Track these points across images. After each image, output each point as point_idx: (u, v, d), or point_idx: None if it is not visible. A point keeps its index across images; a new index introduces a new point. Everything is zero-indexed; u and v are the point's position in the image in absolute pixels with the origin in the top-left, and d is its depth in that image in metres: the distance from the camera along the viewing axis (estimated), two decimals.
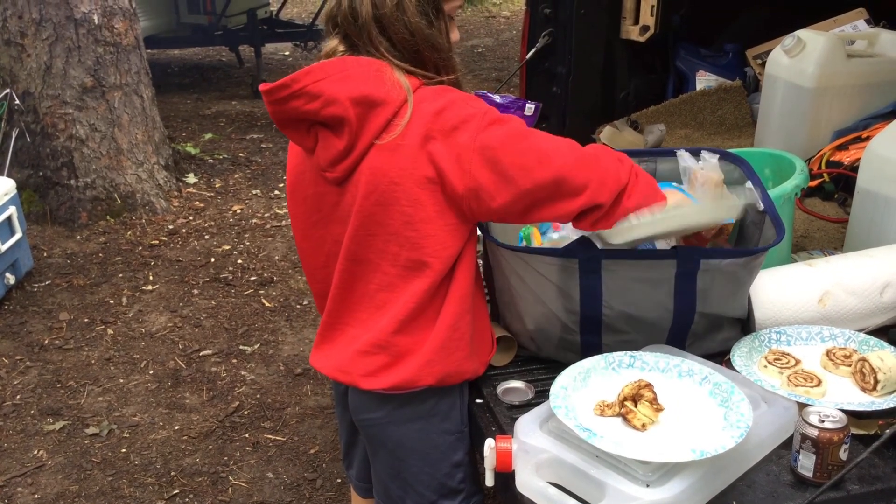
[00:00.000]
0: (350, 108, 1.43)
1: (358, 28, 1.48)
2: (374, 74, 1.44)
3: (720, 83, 3.38)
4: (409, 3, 1.46)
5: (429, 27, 1.48)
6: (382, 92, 1.43)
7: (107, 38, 4.64)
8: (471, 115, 1.43)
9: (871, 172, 2.05)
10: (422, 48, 1.48)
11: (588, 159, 1.51)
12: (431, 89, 1.47)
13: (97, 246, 4.47)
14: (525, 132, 1.47)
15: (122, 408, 3.18)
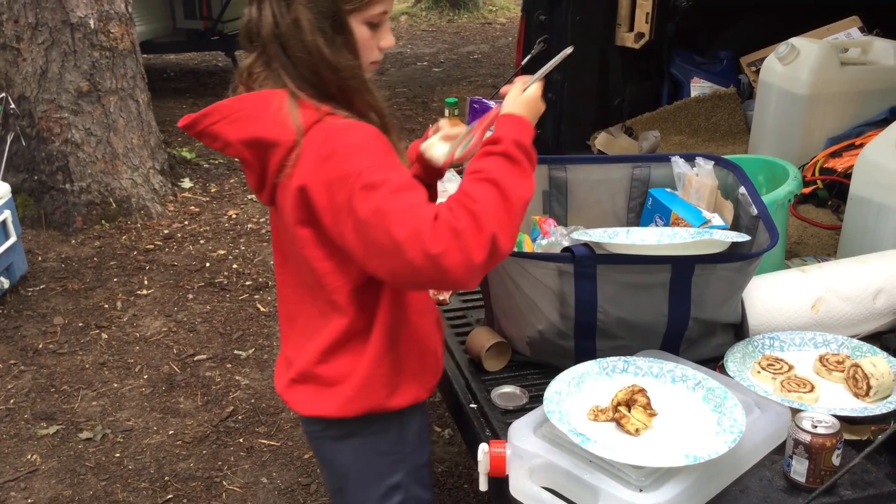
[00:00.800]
0: (244, 150, 1.37)
1: (262, 45, 1.39)
2: (266, 112, 1.35)
3: (714, 90, 3.39)
4: (304, 19, 1.34)
5: (327, 45, 1.35)
6: (274, 133, 1.34)
7: (103, 43, 4.64)
8: (348, 173, 1.27)
9: (864, 179, 2.06)
10: (321, 69, 1.35)
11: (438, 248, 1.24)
12: (323, 130, 1.32)
13: (92, 250, 4.46)
14: (389, 209, 1.24)
15: (116, 412, 3.17)
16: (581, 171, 2.01)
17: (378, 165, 1.28)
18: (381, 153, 1.31)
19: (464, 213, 1.24)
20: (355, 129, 1.33)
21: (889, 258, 1.87)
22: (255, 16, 1.38)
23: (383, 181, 1.26)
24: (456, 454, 2.93)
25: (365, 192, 1.26)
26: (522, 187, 1.33)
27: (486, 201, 1.26)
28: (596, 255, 1.61)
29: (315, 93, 1.36)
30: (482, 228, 1.24)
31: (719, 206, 1.90)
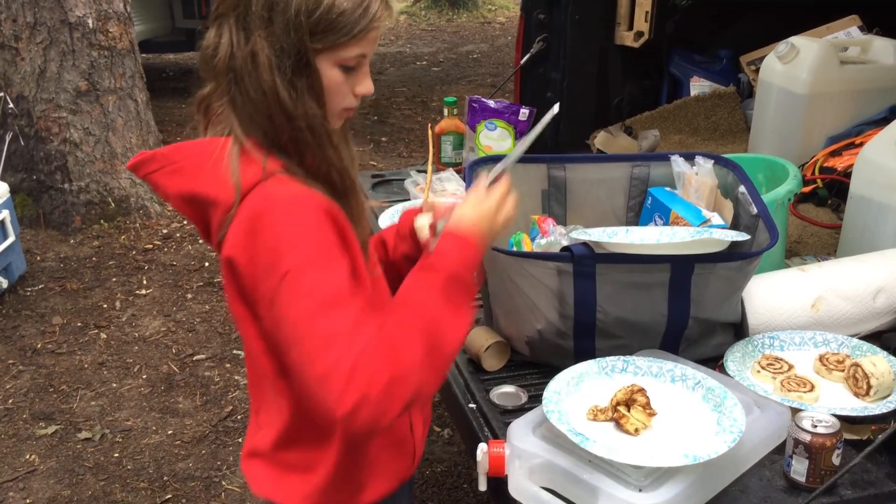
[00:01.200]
0: (183, 205, 1.24)
1: (216, 76, 1.22)
2: (207, 165, 1.20)
3: (714, 89, 3.39)
4: (262, 54, 1.16)
5: (286, 88, 1.17)
6: (212, 190, 1.19)
7: (101, 42, 4.63)
8: (275, 263, 1.12)
9: (864, 178, 2.05)
10: (274, 115, 1.18)
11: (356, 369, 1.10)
12: (262, 198, 1.15)
13: (91, 250, 4.46)
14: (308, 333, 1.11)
15: (114, 412, 3.17)
16: (580, 171, 2.00)
17: (313, 263, 1.12)
18: (322, 245, 1.15)
19: (386, 369, 1.09)
20: (299, 205, 1.16)
21: (889, 257, 1.87)
22: (213, 41, 1.22)
23: (312, 289, 1.11)
24: (455, 454, 2.93)
25: (289, 296, 1.11)
26: (456, 330, 1.20)
27: (412, 355, 1.12)
28: (595, 254, 1.60)
29: (265, 141, 1.21)
30: (404, 387, 1.10)
31: (719, 205, 1.90)
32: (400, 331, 1.14)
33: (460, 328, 1.21)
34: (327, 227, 1.16)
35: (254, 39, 1.17)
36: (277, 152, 1.21)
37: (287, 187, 1.17)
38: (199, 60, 1.25)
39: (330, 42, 1.18)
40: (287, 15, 1.16)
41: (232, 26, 1.19)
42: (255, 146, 1.20)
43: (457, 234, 1.27)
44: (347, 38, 1.19)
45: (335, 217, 1.18)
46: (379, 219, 2.37)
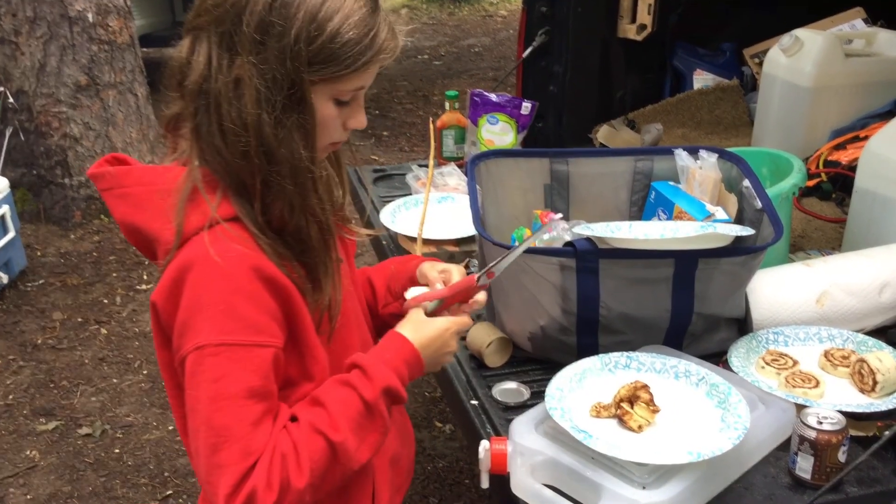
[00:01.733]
0: (126, 233, 1.15)
1: (184, 96, 1.09)
2: (155, 198, 1.09)
3: (717, 82, 3.37)
4: (249, 83, 1.03)
5: (273, 126, 1.04)
6: (156, 227, 1.09)
7: (101, 37, 4.62)
8: (192, 327, 1.05)
9: (869, 172, 2.04)
10: (251, 154, 1.04)
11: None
12: (198, 248, 1.05)
13: (91, 245, 4.45)
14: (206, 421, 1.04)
15: (115, 408, 3.16)
16: (583, 165, 1.98)
17: (226, 343, 1.03)
18: (240, 322, 1.04)
19: (276, 487, 1.03)
20: (232, 270, 1.04)
21: (895, 251, 1.85)
22: (184, 55, 1.09)
23: (219, 375, 1.03)
24: (457, 449, 2.92)
25: (195, 375, 1.04)
26: (370, 447, 1.12)
27: (310, 475, 1.05)
28: (598, 249, 1.59)
29: (226, 180, 1.08)
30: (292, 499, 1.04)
31: (723, 199, 1.88)
32: (307, 448, 1.06)
33: (373, 449, 1.13)
34: (261, 298, 1.06)
35: (240, 64, 1.04)
36: (235, 195, 1.09)
37: (225, 245, 1.06)
38: (167, 75, 1.12)
39: (328, 74, 1.06)
40: (284, 41, 1.03)
41: (213, 43, 1.06)
42: (210, 185, 1.09)
43: (403, 337, 1.19)
44: (349, 70, 1.07)
45: (276, 285, 1.08)
46: (380, 214, 2.36)
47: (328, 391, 1.13)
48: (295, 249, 1.13)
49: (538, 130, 3.06)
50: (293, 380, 1.16)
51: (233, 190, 1.09)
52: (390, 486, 1.36)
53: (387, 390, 1.14)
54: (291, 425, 1.09)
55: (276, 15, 1.03)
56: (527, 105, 2.72)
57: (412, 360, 1.20)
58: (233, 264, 1.05)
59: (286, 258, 1.11)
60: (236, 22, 1.04)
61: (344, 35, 1.05)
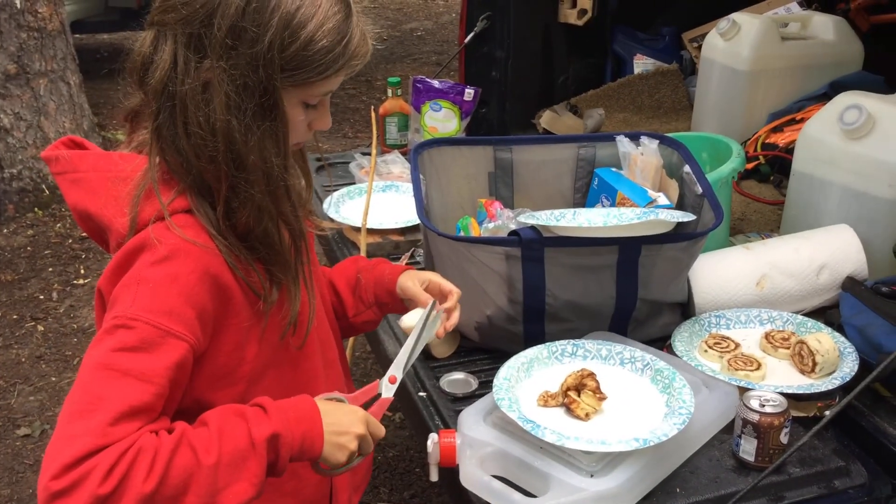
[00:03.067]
0: (77, 218, 1.12)
1: (145, 93, 1.06)
2: (109, 185, 1.07)
3: (657, 67, 3.40)
4: (220, 86, 1.00)
5: (242, 132, 1.01)
6: (108, 214, 1.06)
7: (30, 23, 4.46)
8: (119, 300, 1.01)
9: (806, 155, 2.07)
10: (219, 159, 1.02)
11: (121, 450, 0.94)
12: (144, 238, 1.03)
13: (25, 239, 4.31)
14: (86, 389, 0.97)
15: (54, 407, 3.08)
16: (526, 152, 1.98)
17: (145, 321, 0.98)
18: (168, 308, 1.00)
19: (113, 483, 0.92)
20: (172, 259, 1.02)
21: (832, 234, 1.89)
22: (146, 50, 1.05)
23: (123, 345, 0.97)
24: (407, 438, 2.91)
25: (101, 337, 0.99)
26: (233, 496, 0.99)
27: (157, 488, 0.94)
28: (543, 238, 1.59)
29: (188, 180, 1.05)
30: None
31: (664, 185, 1.90)
32: (153, 463, 0.95)
33: (232, 496, 1.00)
34: (196, 294, 1.03)
35: (208, 67, 1.01)
36: (195, 194, 1.06)
37: (174, 234, 1.03)
38: (128, 68, 1.08)
39: (300, 80, 1.04)
40: (257, 47, 1.00)
41: (179, 43, 1.02)
42: (167, 181, 1.06)
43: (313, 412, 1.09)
44: (321, 76, 1.05)
45: (217, 285, 1.05)
46: (323, 204, 2.32)
47: (217, 413, 1.05)
48: (261, 253, 1.10)
49: (481, 116, 3.04)
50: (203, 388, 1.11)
51: (194, 190, 1.07)
52: (349, 486, 1.34)
53: (274, 437, 1.04)
54: (163, 432, 1.00)
55: (250, 20, 1.00)
56: (470, 91, 2.71)
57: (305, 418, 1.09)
58: (179, 254, 1.03)
59: (245, 261, 1.08)
60: (206, 24, 1.01)
61: (318, 42, 1.03)
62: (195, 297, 1.03)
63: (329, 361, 1.31)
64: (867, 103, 1.94)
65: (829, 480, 1.40)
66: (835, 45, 2.86)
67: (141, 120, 1.12)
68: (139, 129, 1.13)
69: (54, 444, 0.94)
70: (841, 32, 2.88)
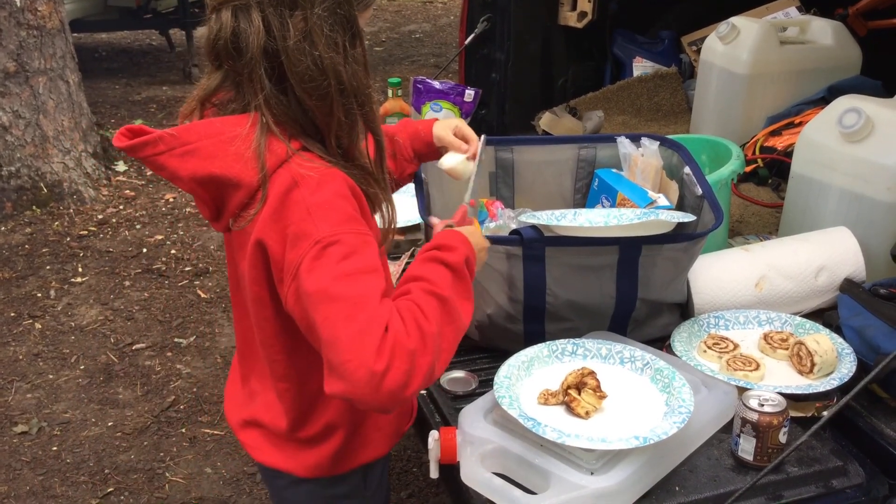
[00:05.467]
0: (195, 187, 1.19)
1: (241, 65, 1.16)
2: (226, 146, 1.16)
3: (656, 70, 3.41)
4: (319, 31, 1.13)
5: (345, 63, 1.16)
6: (235, 171, 1.16)
7: (30, 22, 4.46)
8: (305, 232, 1.13)
9: (805, 158, 2.08)
10: (332, 95, 1.15)
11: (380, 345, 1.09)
12: (289, 175, 1.15)
13: (23, 237, 4.31)
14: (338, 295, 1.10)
15: (52, 404, 3.08)
16: (527, 153, 1.99)
17: (341, 232, 1.13)
18: (348, 217, 1.15)
19: (416, 333, 1.11)
20: (326, 181, 1.16)
21: (830, 236, 1.90)
22: (230, 26, 1.14)
23: (342, 256, 1.11)
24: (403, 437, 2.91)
25: (315, 263, 1.11)
26: (467, 313, 1.24)
27: (436, 324, 1.14)
28: (544, 237, 1.59)
29: (294, 127, 1.18)
30: (427, 354, 1.11)
31: (664, 186, 1.91)
32: (425, 302, 1.16)
33: (469, 313, 1.24)
34: (353, 199, 1.17)
35: (303, 16, 1.13)
36: (305, 136, 1.19)
37: (312, 164, 1.16)
38: (207, 49, 1.19)
39: (363, 5, 1.23)
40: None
41: (267, 8, 1.13)
42: (279, 126, 1.17)
43: (459, 233, 1.31)
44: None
45: (358, 195, 1.20)
46: None
47: (419, 267, 1.24)
48: (361, 174, 1.23)
49: (481, 118, 3.05)
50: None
51: (302, 135, 1.19)
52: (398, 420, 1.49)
53: (468, 260, 1.27)
54: (405, 294, 1.19)
55: None
56: (470, 92, 2.72)
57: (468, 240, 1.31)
58: (327, 178, 1.16)
59: (356, 180, 1.22)
60: None
61: None
62: (356, 208, 1.18)
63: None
64: (866, 107, 1.96)
65: (826, 480, 1.41)
66: (833, 49, 2.88)
67: (219, 105, 1.22)
68: (209, 105, 1.22)
69: (349, 343, 1.07)
70: (839, 37, 2.90)
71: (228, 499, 2.64)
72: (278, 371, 1.31)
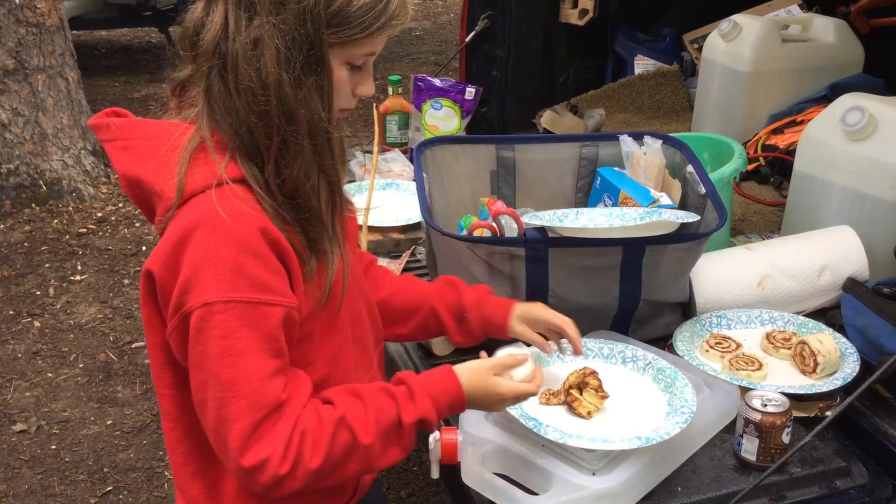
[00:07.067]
0: (127, 187, 1.14)
1: (195, 57, 1.10)
2: (160, 151, 1.09)
3: (658, 67, 3.40)
4: (270, 41, 1.04)
5: (292, 86, 1.06)
6: (159, 182, 1.08)
7: (29, 19, 4.45)
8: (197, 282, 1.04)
9: (808, 156, 2.07)
10: (271, 114, 1.06)
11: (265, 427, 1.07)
12: (201, 208, 1.05)
13: (22, 235, 4.30)
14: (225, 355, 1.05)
15: (50, 403, 3.07)
16: (529, 151, 1.98)
17: (234, 300, 1.04)
18: (247, 279, 1.05)
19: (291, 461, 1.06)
20: (238, 226, 1.05)
21: (833, 235, 1.89)
22: (198, 16, 1.09)
23: (226, 331, 1.03)
24: None
25: (201, 329, 1.04)
26: (385, 461, 1.15)
27: (327, 462, 1.08)
28: (548, 238, 1.58)
29: (235, 141, 1.08)
30: (295, 482, 1.07)
31: (667, 184, 1.89)
32: (327, 430, 1.09)
33: (389, 460, 1.16)
34: (268, 259, 1.07)
35: (259, 24, 1.05)
36: (243, 157, 1.09)
37: (232, 205, 1.06)
38: (179, 37, 1.13)
39: (343, 37, 1.09)
40: (304, 2, 1.05)
41: (230, 4, 1.06)
42: (218, 144, 1.09)
43: (455, 380, 1.20)
44: (363, 34, 1.10)
45: (279, 248, 1.08)
46: None
47: (370, 392, 1.16)
48: (302, 215, 1.12)
49: (481, 116, 3.04)
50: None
51: (242, 152, 1.09)
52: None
53: (422, 421, 1.16)
54: (323, 407, 1.12)
55: None
56: (471, 90, 2.71)
57: (456, 406, 1.22)
58: (241, 224, 1.06)
59: (289, 223, 1.11)
60: None
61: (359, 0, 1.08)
62: (270, 263, 1.07)
63: (358, 338, 1.31)
64: (869, 105, 1.94)
65: (830, 481, 1.40)
66: (835, 47, 2.86)
67: (189, 92, 1.15)
68: (187, 102, 1.15)
69: (219, 433, 1.05)
70: (841, 35, 2.88)
71: None
72: (164, 407, 1.21)
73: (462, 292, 1.48)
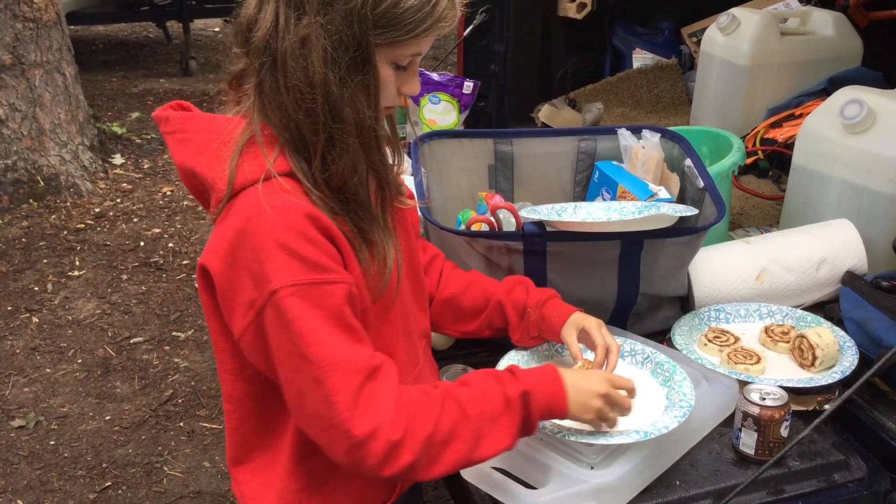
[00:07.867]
0: (184, 177, 1.18)
1: (248, 52, 1.12)
2: (214, 145, 1.13)
3: (656, 61, 3.39)
4: (317, 41, 1.06)
5: (339, 85, 1.07)
6: (211, 174, 1.12)
7: (26, 14, 4.43)
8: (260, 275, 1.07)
9: (806, 150, 2.07)
10: (318, 112, 1.08)
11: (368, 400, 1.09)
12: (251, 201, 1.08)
13: (20, 231, 4.30)
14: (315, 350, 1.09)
15: (49, 398, 3.07)
16: (527, 145, 1.97)
17: (301, 284, 1.07)
18: (310, 266, 1.07)
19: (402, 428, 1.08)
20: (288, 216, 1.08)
21: (831, 228, 1.89)
22: (251, 13, 1.11)
23: (299, 315, 1.06)
24: None
25: (274, 319, 1.07)
26: (489, 450, 1.17)
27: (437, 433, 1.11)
28: (546, 232, 1.58)
29: (285, 135, 1.11)
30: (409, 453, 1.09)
31: (665, 178, 1.89)
32: (444, 413, 1.12)
33: (492, 450, 1.17)
34: (319, 241, 1.09)
35: (307, 23, 1.06)
36: (292, 151, 1.12)
37: (279, 197, 1.08)
38: (234, 33, 1.16)
39: (390, 38, 1.09)
40: (351, 3, 1.06)
41: (280, 3, 1.08)
42: (268, 138, 1.12)
43: (559, 378, 1.23)
44: (409, 35, 1.10)
45: (330, 234, 1.11)
46: None
47: (471, 376, 1.21)
48: (351, 207, 1.15)
49: (479, 110, 3.03)
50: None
51: (291, 146, 1.12)
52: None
53: (526, 394, 1.18)
54: (431, 389, 1.16)
55: None
56: (469, 84, 2.70)
57: (556, 391, 1.22)
58: (289, 213, 1.08)
59: (338, 213, 1.13)
60: None
61: (406, 1, 1.09)
62: (321, 245, 1.10)
63: (408, 332, 1.32)
64: (868, 98, 1.94)
65: (828, 474, 1.40)
66: (834, 40, 2.86)
67: (243, 84, 1.17)
68: (241, 95, 1.18)
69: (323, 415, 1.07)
70: (840, 28, 2.88)
71: (227, 493, 2.63)
72: (226, 389, 1.25)
73: (530, 292, 1.51)
